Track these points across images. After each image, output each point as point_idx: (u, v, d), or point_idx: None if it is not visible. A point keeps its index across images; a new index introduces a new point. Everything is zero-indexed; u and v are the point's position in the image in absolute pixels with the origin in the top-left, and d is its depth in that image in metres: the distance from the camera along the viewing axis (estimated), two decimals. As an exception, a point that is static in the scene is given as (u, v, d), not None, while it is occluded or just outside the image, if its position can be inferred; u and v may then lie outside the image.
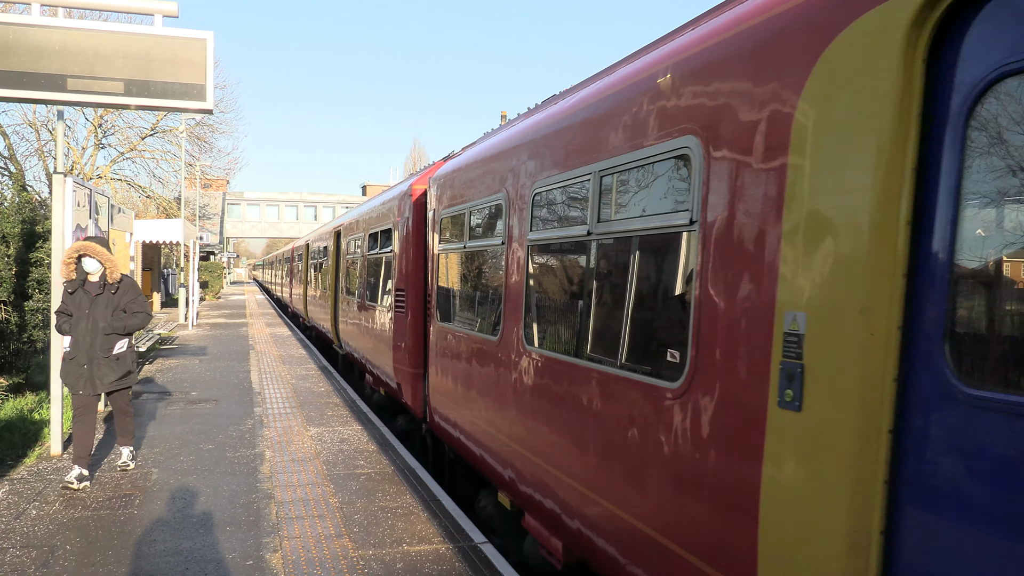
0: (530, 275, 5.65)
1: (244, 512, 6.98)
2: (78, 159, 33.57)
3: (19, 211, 12.01)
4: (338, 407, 12.27)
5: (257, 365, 17.16)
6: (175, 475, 8.19)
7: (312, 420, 11.20)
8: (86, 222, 9.52)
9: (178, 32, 7.49)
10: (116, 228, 11.94)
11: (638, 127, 4.16)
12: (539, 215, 5.51)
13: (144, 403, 12.45)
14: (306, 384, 14.57)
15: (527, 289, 5.67)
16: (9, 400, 11.45)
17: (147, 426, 10.70)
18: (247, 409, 11.96)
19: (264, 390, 13.78)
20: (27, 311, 11.73)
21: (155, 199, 38.30)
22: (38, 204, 14.25)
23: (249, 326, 27.98)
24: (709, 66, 3.62)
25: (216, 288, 50.96)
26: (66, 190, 8.56)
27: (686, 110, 3.75)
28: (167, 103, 7.53)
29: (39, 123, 32.47)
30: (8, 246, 11.64)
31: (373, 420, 11.27)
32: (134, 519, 6.77)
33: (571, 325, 5.01)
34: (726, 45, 3.52)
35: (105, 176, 34.66)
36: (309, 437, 10.08)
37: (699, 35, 3.82)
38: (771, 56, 3.21)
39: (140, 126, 35.08)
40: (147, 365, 16.88)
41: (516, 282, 5.81)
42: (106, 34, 7.40)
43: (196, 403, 12.50)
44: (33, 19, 7.28)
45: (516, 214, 5.85)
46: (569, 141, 4.98)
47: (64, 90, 7.21)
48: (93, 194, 9.86)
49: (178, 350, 20.00)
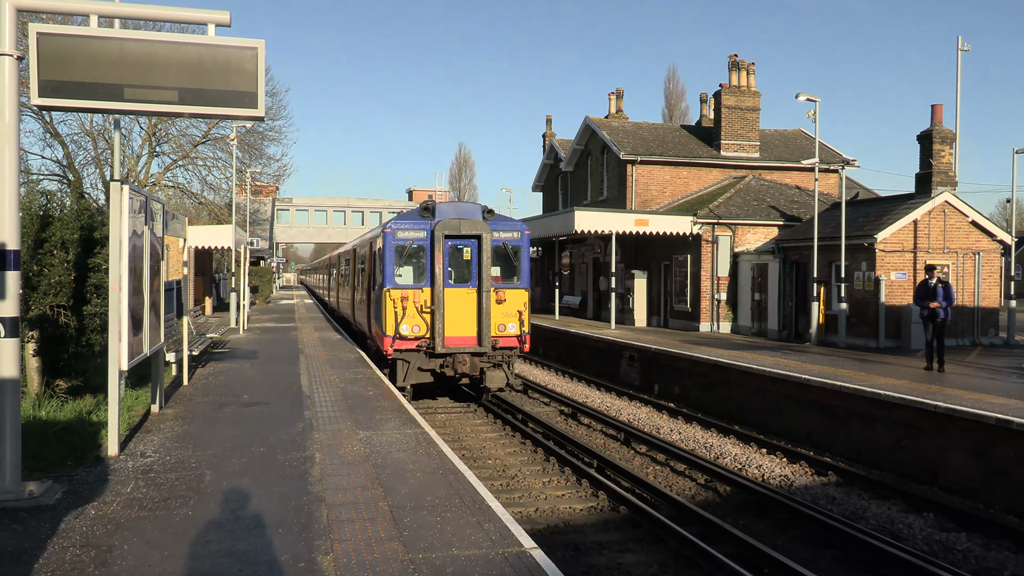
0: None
1: (295, 514, 7.06)
2: (133, 167, 34.43)
3: (78, 218, 12.33)
4: (386, 411, 12.36)
5: (306, 368, 17.38)
6: (228, 477, 8.33)
7: (361, 423, 11.30)
8: (142, 228, 9.75)
9: (230, 41, 7.62)
10: (170, 234, 12.20)
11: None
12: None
13: (198, 406, 12.70)
14: (355, 388, 14.72)
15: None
16: (68, 402, 11.77)
17: (201, 428, 10.91)
18: (297, 412, 12.13)
19: (314, 393, 13.96)
20: (85, 315, 12.03)
21: (207, 205, 39.08)
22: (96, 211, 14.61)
23: (298, 330, 28.36)
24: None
25: (266, 293, 51.78)
26: (123, 197, 8.77)
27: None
28: (220, 111, 7.66)
29: (96, 132, 33.37)
30: (67, 252, 11.96)
31: (421, 423, 11.33)
32: (189, 520, 6.90)
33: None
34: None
35: (159, 183, 35.51)
36: (358, 440, 10.17)
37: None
38: None
39: (192, 134, 35.88)
40: (200, 368, 17.22)
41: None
42: (161, 43, 7.56)
43: (248, 406, 12.71)
44: (91, 30, 7.48)
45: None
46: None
47: (121, 99, 7.38)
48: (148, 201, 10.09)
49: (230, 354, 20.36)
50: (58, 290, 11.69)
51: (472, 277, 16.71)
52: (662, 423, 16.61)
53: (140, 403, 12.56)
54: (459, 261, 16.82)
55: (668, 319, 29.48)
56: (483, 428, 15.96)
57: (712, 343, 22.56)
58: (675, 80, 75.64)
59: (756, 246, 26.94)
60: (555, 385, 21.98)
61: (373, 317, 18.52)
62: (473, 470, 11.23)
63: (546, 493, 11.42)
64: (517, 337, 16.91)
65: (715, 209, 27.47)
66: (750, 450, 14.28)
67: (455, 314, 16.57)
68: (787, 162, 32.65)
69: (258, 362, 18.64)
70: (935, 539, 9.70)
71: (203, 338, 19.91)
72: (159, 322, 11.31)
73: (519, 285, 16.98)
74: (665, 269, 29.72)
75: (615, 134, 33.29)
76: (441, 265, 16.33)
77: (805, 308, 23.97)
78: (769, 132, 36.34)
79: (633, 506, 10.44)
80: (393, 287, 16.54)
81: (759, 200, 28.89)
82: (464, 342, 16.59)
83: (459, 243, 16.73)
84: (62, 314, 11.87)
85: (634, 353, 22.49)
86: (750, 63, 32.58)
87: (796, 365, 17.33)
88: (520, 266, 17.01)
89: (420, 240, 16.57)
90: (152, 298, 10.54)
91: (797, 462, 13.45)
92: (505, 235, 16.87)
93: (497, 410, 16.97)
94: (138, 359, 9.80)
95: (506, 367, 16.86)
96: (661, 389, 20.80)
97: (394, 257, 16.58)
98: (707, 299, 27.20)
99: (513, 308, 16.85)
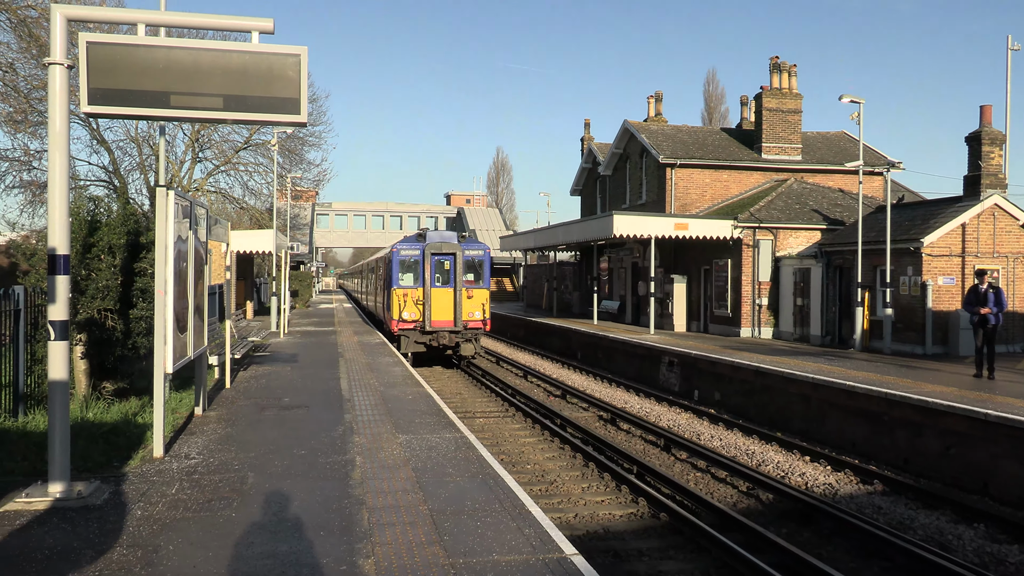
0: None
1: (337, 517, 7.11)
2: (177, 172, 35.08)
3: (124, 223, 12.59)
4: (425, 415, 12.41)
5: (346, 372, 17.53)
6: (270, 479, 8.42)
7: (400, 427, 11.36)
8: (186, 233, 9.92)
9: (274, 48, 7.72)
10: (213, 239, 12.39)
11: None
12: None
13: (241, 408, 12.87)
14: (394, 392, 14.80)
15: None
16: (115, 404, 12.00)
17: (243, 430, 11.05)
18: (337, 415, 12.23)
19: (353, 397, 14.07)
20: (131, 319, 12.28)
21: (248, 210, 39.65)
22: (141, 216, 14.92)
23: (338, 334, 28.62)
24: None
25: (306, 297, 52.37)
26: (169, 203, 8.93)
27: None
28: (263, 117, 7.77)
29: (141, 138, 34.07)
30: (114, 256, 12.22)
31: (460, 427, 11.36)
32: (232, 521, 6.99)
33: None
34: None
35: (202, 188, 36.13)
36: (398, 444, 10.22)
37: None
38: None
39: (234, 140, 36.45)
40: (241, 371, 17.45)
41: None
42: (205, 51, 7.69)
43: (289, 409, 12.85)
44: (138, 39, 7.64)
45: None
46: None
47: (168, 106, 7.52)
48: (193, 206, 10.27)
49: (271, 357, 20.61)
50: (105, 294, 11.95)
51: (451, 280, 24.38)
52: (702, 429, 16.45)
53: (184, 405, 12.77)
54: (442, 270, 24.39)
55: (708, 324, 29.20)
56: (522, 433, 15.95)
57: (753, 348, 22.31)
58: (714, 83, 75.17)
59: (798, 250, 26.59)
60: (593, 390, 21.90)
61: (385, 307, 27.32)
62: (512, 475, 11.22)
63: (585, 499, 11.37)
64: (482, 321, 24.48)
65: (756, 213, 27.18)
66: (793, 457, 14.08)
67: (439, 305, 24.21)
68: (830, 165, 32.19)
69: (298, 366, 18.85)
70: (986, 551, 9.46)
71: (245, 342, 20.20)
72: (203, 326, 11.49)
73: (482, 286, 24.56)
74: (705, 274, 29.46)
75: (654, 137, 33.12)
76: (429, 273, 24.16)
77: (849, 313, 23.58)
78: (811, 135, 35.88)
79: (674, 513, 10.34)
80: (398, 287, 24.30)
81: (801, 203, 28.51)
82: (445, 324, 24.25)
83: (442, 258, 24.40)
84: (109, 317, 12.13)
85: (673, 358, 22.32)
86: (792, 65, 32.20)
87: (840, 371, 17.06)
88: (483, 273, 24.53)
89: (416, 256, 24.37)
90: (196, 302, 10.72)
91: (842, 470, 13.23)
92: (473, 253, 24.50)
93: (536, 415, 16.96)
94: (182, 362, 9.97)
95: (474, 341, 24.56)
96: (701, 395, 20.61)
97: (399, 267, 24.40)
98: (748, 304, 26.90)
99: (478, 302, 24.44)
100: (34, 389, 11.46)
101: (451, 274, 24.27)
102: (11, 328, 10.92)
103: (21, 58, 27.05)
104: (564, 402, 20.09)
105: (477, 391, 21.57)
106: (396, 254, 24.43)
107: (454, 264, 24.25)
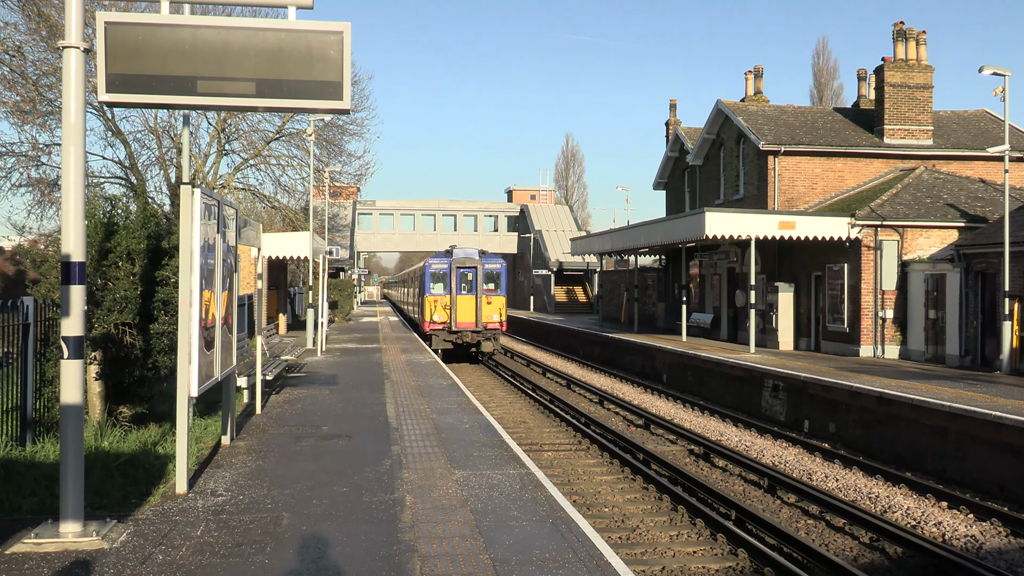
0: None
1: (384, 567, 7.18)
2: (200, 167, 36.02)
3: (144, 226, 12.97)
4: (485, 447, 12.46)
5: (393, 397, 17.73)
6: (308, 521, 8.55)
7: (457, 462, 11.42)
8: (213, 236, 10.17)
9: (313, 25, 7.88)
10: (243, 242, 12.69)
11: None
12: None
13: (273, 437, 13.11)
14: (448, 419, 14.90)
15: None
16: (132, 432, 12.36)
17: (277, 463, 11.25)
18: (383, 447, 12.37)
19: (402, 425, 14.21)
20: (152, 334, 12.62)
21: (281, 210, 40.46)
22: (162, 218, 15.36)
23: (383, 352, 28.97)
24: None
25: (346, 309, 53.20)
26: (195, 202, 9.18)
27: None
28: (301, 103, 7.94)
29: (160, 129, 35.07)
30: (133, 264, 12.59)
31: (526, 462, 11.37)
32: (265, 569, 7.12)
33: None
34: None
35: (228, 185, 37.01)
36: (454, 481, 10.28)
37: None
38: None
39: (265, 130, 37.26)
40: (274, 395, 17.79)
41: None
42: (236, 30, 7.89)
43: (328, 439, 13.04)
44: (162, 17, 7.89)
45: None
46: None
47: (195, 93, 7.74)
48: (221, 206, 10.53)
49: (306, 378, 20.97)
50: (123, 306, 12.31)
51: (473, 289, 34.43)
52: (814, 467, 16.16)
53: (209, 434, 13.08)
54: (466, 280, 34.51)
55: (820, 341, 28.71)
56: (597, 469, 15.91)
57: (876, 371, 21.84)
58: (825, 54, 74.00)
59: (930, 253, 25.97)
60: (682, 419, 21.71)
61: (419, 311, 38.44)
62: (588, 519, 11.17)
63: (674, 549, 11.27)
64: (499, 323, 34.57)
65: (878, 208, 26.64)
66: (926, 503, 13.72)
67: (463, 309, 34.25)
68: (968, 150, 31.38)
69: (338, 388, 19.12)
70: None
71: (277, 360, 20.58)
72: (231, 342, 11.76)
73: (500, 293, 34.68)
74: (816, 281, 28.98)
75: (753, 120, 32.75)
76: (455, 282, 34.32)
77: (993, 329, 22.90)
78: (945, 114, 35.03)
79: (781, 568, 10.17)
80: (429, 294, 34.38)
81: (933, 197, 27.84)
82: (468, 325, 34.24)
83: (465, 271, 34.54)
84: (127, 333, 12.49)
85: (778, 382, 22.00)
86: (920, 31, 31.52)
87: (984, 399, 16.58)
88: (501, 283, 34.79)
89: (444, 269, 34.58)
90: (225, 315, 10.97)
91: (987, 519, 12.83)
92: (491, 266, 34.81)
93: (614, 448, 16.90)
94: (209, 384, 10.21)
95: (493, 339, 34.63)
96: (812, 426, 20.26)
97: (430, 279, 34.59)
98: (869, 317, 26.36)
99: (496, 307, 34.49)
100: (43, 414, 11.87)
101: (473, 284, 34.57)
102: (19, 344, 11.29)
103: (29, 40, 28.18)
104: (648, 433, 19.94)
105: (544, 419, 21.58)
106: (428, 267, 35.15)
107: (476, 275, 34.61)
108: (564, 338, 45.85)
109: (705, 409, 23.37)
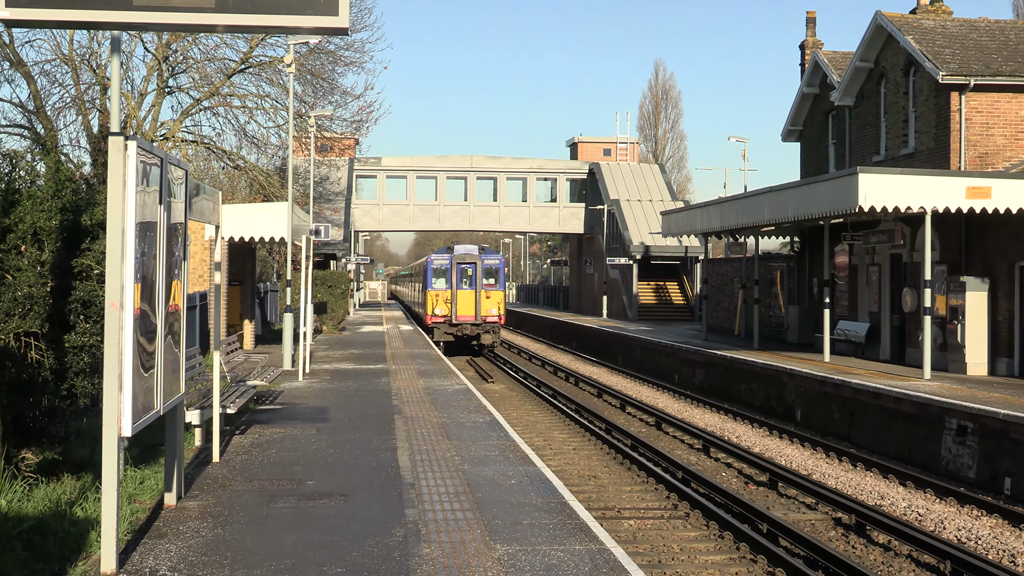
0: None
1: None
2: (134, 111, 36.26)
3: (56, 195, 13.07)
4: (539, 512, 12.43)
5: (407, 439, 17.77)
6: (287, 615, 8.58)
7: (499, 533, 11.40)
8: (155, 209, 10.22)
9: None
10: (195, 218, 12.74)
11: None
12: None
13: (237, 495, 13.19)
14: (486, 471, 14.90)
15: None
16: (40, 486, 12.46)
17: (243, 533, 11.31)
18: (394, 511, 12.39)
19: (419, 480, 14.24)
20: (68, 349, 12.67)
21: (247, 171, 40.57)
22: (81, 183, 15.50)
23: (392, 375, 29.09)
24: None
25: (338, 314, 53.71)
26: (128, 160, 9.22)
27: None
28: (279, 20, 7.89)
29: (78, 58, 35.34)
30: (42, 248, 12.63)
31: (598, 535, 11.33)
32: None
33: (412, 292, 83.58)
34: None
35: (174, 136, 37.16)
36: (495, 561, 10.26)
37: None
38: None
39: (225, 57, 37.44)
40: (237, 436, 17.92)
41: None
42: (187, -87, 7.93)
43: (315, 499, 13.09)
44: None
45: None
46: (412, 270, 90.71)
47: (129, 7, 7.78)
48: (166, 165, 10.57)
49: (283, 412, 21.09)
50: (27, 308, 12.37)
51: (473, 283, 52.17)
52: (1020, 547, 15.94)
53: (147, 489, 13.18)
54: (466, 275, 52.41)
55: (1026, 363, 28.32)
56: (701, 546, 15.83)
57: (1110, 406, 21.49)
58: (1036, -57, 72.83)
59: None
60: (824, 474, 21.55)
61: (422, 305, 59.05)
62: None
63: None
64: (498, 316, 52.17)
65: (1114, 168, 26.22)
66: None
67: (463, 303, 51.68)
68: None
69: (329, 427, 19.20)
70: None
71: (243, 387, 20.72)
72: (178, 361, 11.83)
73: (499, 288, 53.02)
74: (1021, 275, 28.55)
75: (930, 40, 32.36)
76: (456, 277, 52.25)
77: None
78: None
79: None
80: (432, 289, 52.67)
81: None
82: (468, 318, 51.52)
83: (465, 266, 52.55)
84: (32, 347, 12.58)
85: (967, 423, 21.73)
86: None
87: None
88: (499, 277, 53.42)
89: (446, 264, 52.89)
90: (169, 322, 11.01)
91: None
92: (490, 261, 53.60)
93: (724, 514, 16.80)
94: (147, 419, 10.26)
95: (493, 332, 52.34)
96: (1015, 486, 20.01)
97: (432, 274, 53.18)
98: (1099, 328, 25.97)
99: (495, 301, 52.16)
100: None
101: (473, 279, 51.54)
102: None
103: None
104: (773, 493, 19.80)
105: (624, 474, 21.53)
106: (430, 263, 52.73)
107: (475, 271, 51.59)
108: (651, 357, 45.68)
109: (858, 460, 23.16)
